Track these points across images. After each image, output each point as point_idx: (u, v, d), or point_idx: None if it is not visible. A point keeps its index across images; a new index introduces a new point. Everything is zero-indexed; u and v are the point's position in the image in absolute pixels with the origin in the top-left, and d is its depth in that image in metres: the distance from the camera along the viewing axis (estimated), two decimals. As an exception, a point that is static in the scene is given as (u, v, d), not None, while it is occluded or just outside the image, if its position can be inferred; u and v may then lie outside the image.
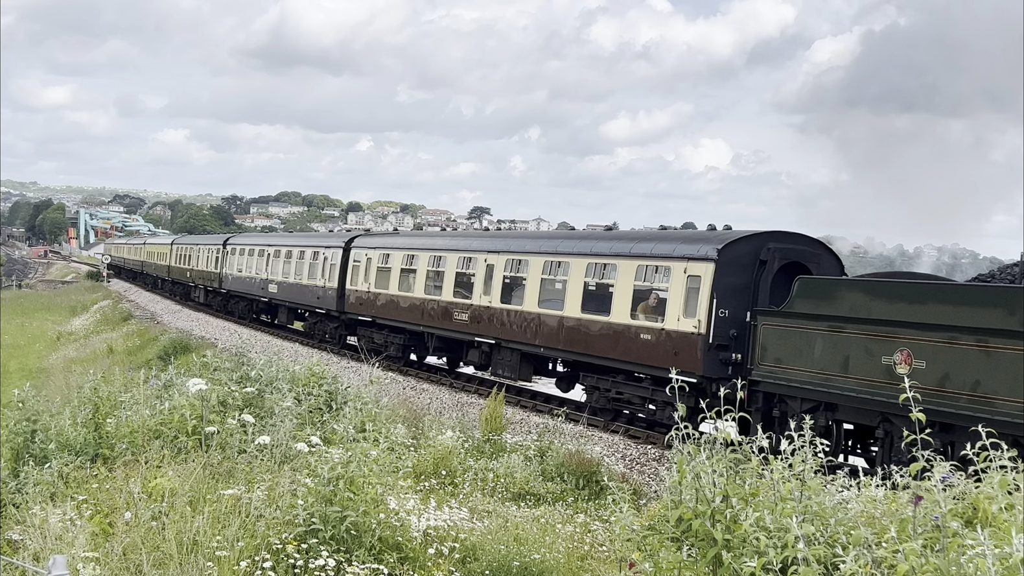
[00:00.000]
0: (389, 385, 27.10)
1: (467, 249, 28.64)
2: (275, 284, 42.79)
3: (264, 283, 44.38)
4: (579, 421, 21.70)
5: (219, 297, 53.90)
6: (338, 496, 7.52)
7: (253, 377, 12.63)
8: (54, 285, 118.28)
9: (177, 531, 7.43)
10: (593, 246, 23.43)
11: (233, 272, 50.08)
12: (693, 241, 20.84)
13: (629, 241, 22.84)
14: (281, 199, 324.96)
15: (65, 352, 50.48)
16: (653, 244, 21.65)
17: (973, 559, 4.83)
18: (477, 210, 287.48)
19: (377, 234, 42.88)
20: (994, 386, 13.68)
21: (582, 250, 23.58)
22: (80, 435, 10.37)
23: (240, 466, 9.36)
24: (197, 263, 58.18)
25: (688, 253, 19.94)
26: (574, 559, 9.54)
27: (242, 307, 49.43)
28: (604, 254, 22.67)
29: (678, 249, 20.46)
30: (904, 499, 5.93)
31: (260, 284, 45.25)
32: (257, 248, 47.31)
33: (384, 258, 32.78)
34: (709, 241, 20.12)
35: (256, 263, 46.37)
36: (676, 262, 20.09)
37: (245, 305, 49.06)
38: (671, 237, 22.47)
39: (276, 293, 42.86)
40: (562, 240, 26.08)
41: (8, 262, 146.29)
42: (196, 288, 59.39)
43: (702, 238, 21.00)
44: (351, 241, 36.38)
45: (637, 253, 21.52)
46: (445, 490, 12.10)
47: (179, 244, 67.67)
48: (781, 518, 5.53)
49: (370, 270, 33.40)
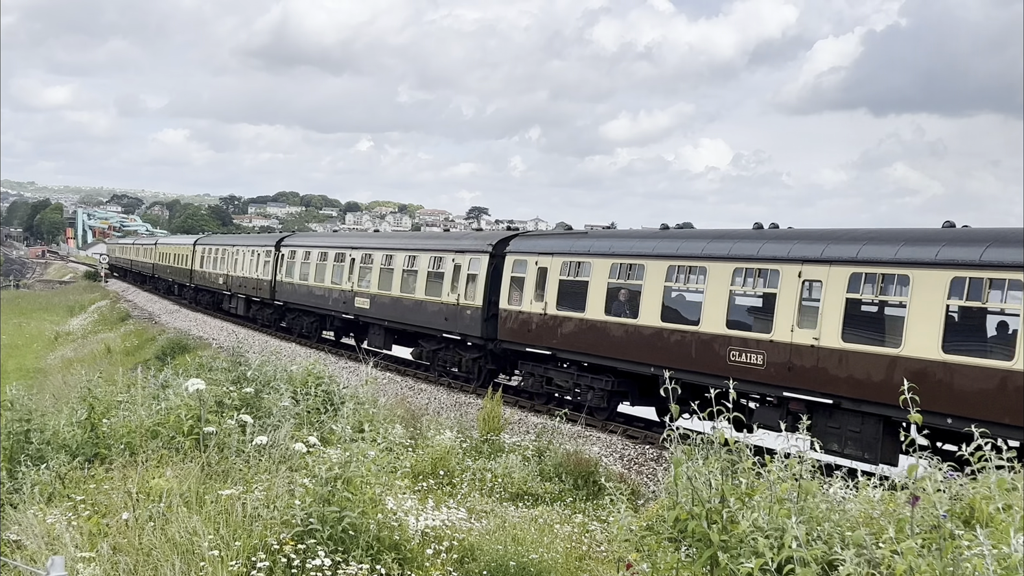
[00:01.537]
0: (387, 385, 27.09)
1: (760, 258, 18.46)
2: (366, 298, 33.50)
3: (348, 296, 35.02)
4: (577, 421, 21.68)
5: (269, 310, 45.31)
6: (336, 496, 7.51)
7: (250, 377, 12.62)
8: (52, 285, 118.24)
9: (174, 531, 7.42)
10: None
11: (295, 280, 40.97)
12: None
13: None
14: (279, 199, 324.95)
15: (63, 352, 50.45)
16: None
17: (971, 559, 4.83)
18: (475, 210, 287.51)
19: (543, 235, 30.89)
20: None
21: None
22: (76, 435, 10.35)
23: (238, 466, 9.35)
24: (237, 268, 49.84)
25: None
26: (572, 559, 9.53)
27: (307, 324, 40.76)
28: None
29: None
30: (902, 499, 5.93)
31: (341, 298, 35.87)
32: (334, 251, 37.54)
33: (570, 268, 23.47)
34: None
35: (333, 270, 37.04)
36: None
37: (312, 322, 40.35)
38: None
39: (368, 310, 33.51)
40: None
41: (6, 262, 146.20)
42: (233, 298, 51.09)
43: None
44: (503, 245, 26.78)
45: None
46: (443, 490, 12.09)
47: (207, 245, 58.74)
48: (778, 519, 5.52)
49: (546, 284, 24.07)
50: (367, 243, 36.06)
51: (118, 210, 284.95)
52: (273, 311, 44.65)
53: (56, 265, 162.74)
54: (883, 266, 15.95)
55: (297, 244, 42.64)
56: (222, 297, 54.08)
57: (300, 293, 40.34)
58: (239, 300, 49.83)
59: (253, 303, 47.62)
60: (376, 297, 32.76)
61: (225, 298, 53.10)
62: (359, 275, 34.34)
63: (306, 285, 39.57)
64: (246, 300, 48.57)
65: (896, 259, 15.85)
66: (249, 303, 48.29)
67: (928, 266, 15.27)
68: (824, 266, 16.87)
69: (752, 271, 18.38)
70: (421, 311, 29.70)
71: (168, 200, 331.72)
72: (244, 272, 48.07)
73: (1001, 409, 13.84)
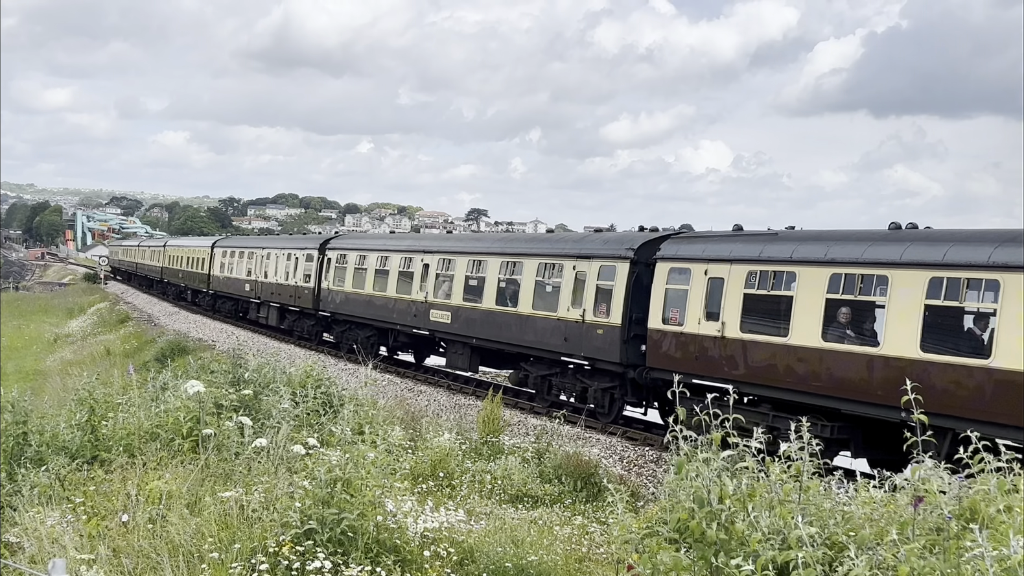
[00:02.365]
0: (386, 387, 27.08)
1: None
2: (445, 311, 28.14)
3: (420, 308, 29.58)
4: (577, 423, 21.66)
5: (311, 321, 39.40)
6: (335, 498, 7.50)
7: (247, 379, 12.60)
8: (51, 287, 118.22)
9: (173, 534, 7.42)
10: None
11: (346, 288, 35.18)
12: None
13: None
14: (278, 201, 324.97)
15: (62, 354, 50.41)
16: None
17: (972, 560, 4.83)
18: (475, 212, 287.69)
19: (709, 237, 21.55)
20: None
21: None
22: (76, 437, 10.34)
23: (238, 469, 9.34)
24: (269, 273, 43.83)
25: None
26: (572, 561, 9.52)
27: (361, 338, 33.65)
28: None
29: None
30: (903, 501, 5.92)
31: (410, 310, 30.14)
32: (400, 256, 31.83)
33: (761, 279, 18.57)
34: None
35: (399, 277, 31.34)
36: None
37: (368, 336, 33.79)
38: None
39: (448, 325, 28.11)
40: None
41: (5, 264, 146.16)
42: (263, 306, 45.02)
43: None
44: (649, 249, 21.61)
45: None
46: (443, 492, 12.08)
47: (229, 248, 53.13)
48: (779, 520, 5.52)
49: (723, 299, 19.26)
50: (446, 246, 30.14)
51: (117, 212, 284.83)
52: (316, 323, 38.92)
53: (55, 267, 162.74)
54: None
55: (348, 247, 36.68)
56: (248, 305, 48.13)
57: (354, 303, 34.43)
58: (271, 309, 43.80)
59: (289, 313, 41.65)
60: (460, 311, 27.38)
61: (252, 307, 47.20)
62: (435, 284, 28.97)
63: (362, 295, 33.69)
64: (280, 310, 42.62)
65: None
66: (284, 313, 42.35)
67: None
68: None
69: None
70: (527, 328, 24.51)
71: (167, 202, 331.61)
72: (278, 278, 42.40)
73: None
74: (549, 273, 24.33)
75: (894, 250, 16.33)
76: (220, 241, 57.79)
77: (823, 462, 6.22)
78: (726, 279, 19.15)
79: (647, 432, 21.83)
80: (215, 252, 54.26)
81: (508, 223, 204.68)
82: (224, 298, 52.85)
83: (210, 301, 55.31)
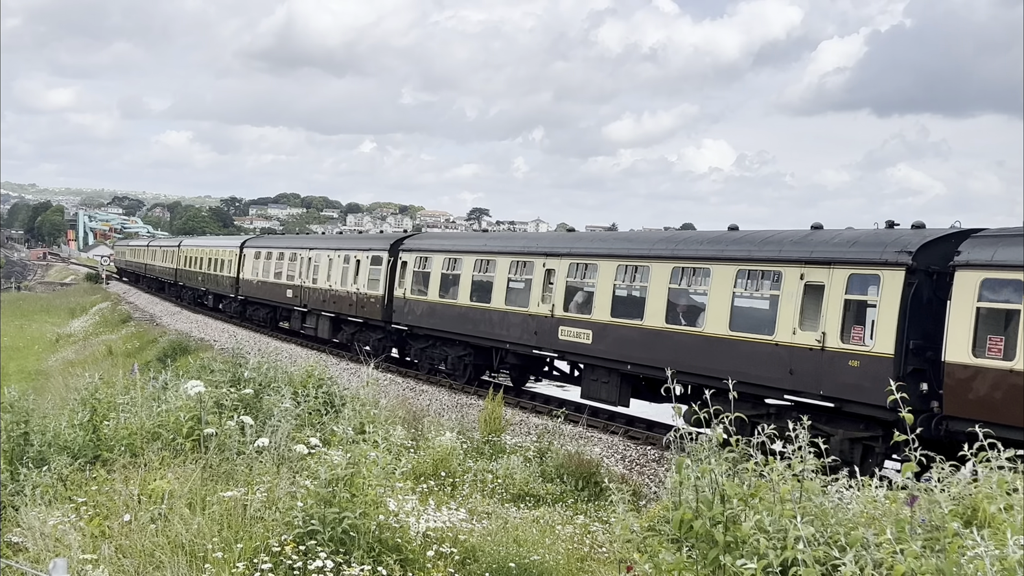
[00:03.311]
0: (388, 386, 27.07)
1: None
2: (583, 328, 23.31)
3: (545, 324, 24.62)
4: (578, 422, 21.65)
5: (378, 334, 33.69)
6: (337, 497, 7.51)
7: (247, 379, 12.61)
8: (53, 287, 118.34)
9: (176, 533, 7.43)
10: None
11: (430, 298, 29.87)
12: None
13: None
14: (280, 201, 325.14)
15: (64, 354, 50.44)
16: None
17: (972, 560, 4.83)
18: (476, 211, 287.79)
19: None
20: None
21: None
22: (78, 437, 10.35)
23: (239, 468, 9.35)
24: (320, 278, 38.00)
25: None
26: (574, 560, 9.53)
27: (452, 357, 29.32)
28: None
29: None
30: (902, 499, 5.93)
31: (529, 325, 25.29)
32: (507, 259, 26.91)
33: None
34: None
35: (508, 286, 26.43)
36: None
37: (461, 355, 28.93)
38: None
39: (587, 346, 23.25)
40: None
41: (7, 264, 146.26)
42: (312, 316, 39.17)
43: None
44: (929, 251, 16.57)
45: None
46: (445, 491, 12.08)
47: (263, 248, 47.02)
48: (781, 519, 5.52)
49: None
50: (579, 247, 24.71)
51: (119, 212, 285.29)
52: (385, 336, 33.30)
53: (57, 267, 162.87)
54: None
55: (430, 248, 31.15)
56: (290, 314, 42.24)
57: (442, 317, 28.97)
58: (322, 320, 37.93)
59: (348, 324, 35.89)
60: (606, 328, 22.42)
61: (295, 316, 41.29)
62: (566, 294, 24.09)
63: (453, 306, 28.27)
64: (333, 320, 36.90)
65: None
66: (339, 324, 36.76)
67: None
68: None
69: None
70: (718, 355, 19.16)
71: (169, 202, 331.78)
72: (332, 284, 36.68)
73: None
74: (754, 284, 19.06)
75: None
76: (251, 241, 51.92)
77: (830, 459, 6.20)
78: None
79: (649, 431, 21.81)
80: (244, 253, 48.66)
81: (510, 222, 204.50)
82: (257, 305, 47.13)
83: (239, 308, 49.94)
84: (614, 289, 22.54)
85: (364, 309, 33.92)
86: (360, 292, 34.28)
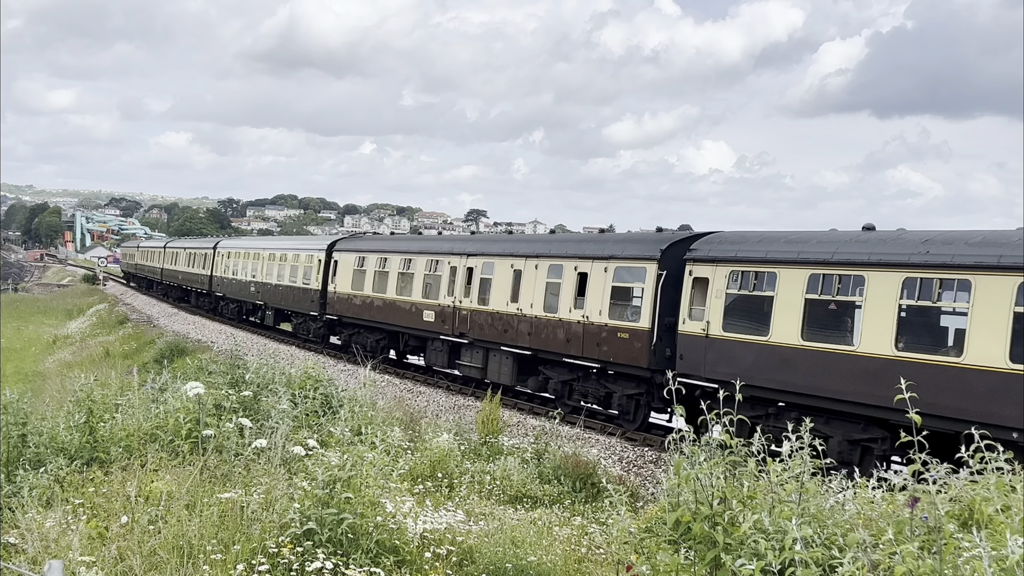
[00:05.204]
0: (385, 388, 27.07)
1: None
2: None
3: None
4: (576, 424, 21.66)
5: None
6: (334, 499, 7.51)
7: (247, 380, 12.61)
8: (50, 288, 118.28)
9: (173, 535, 7.42)
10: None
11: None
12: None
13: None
14: (278, 202, 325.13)
15: (61, 356, 50.42)
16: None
17: (970, 561, 4.83)
18: (474, 212, 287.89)
19: None
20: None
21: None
22: (75, 439, 10.34)
23: (237, 470, 9.35)
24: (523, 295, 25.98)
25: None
26: (571, 562, 9.53)
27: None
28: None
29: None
30: (901, 501, 5.93)
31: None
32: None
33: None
34: None
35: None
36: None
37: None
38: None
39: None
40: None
41: (4, 266, 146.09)
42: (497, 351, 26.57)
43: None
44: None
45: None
46: (442, 493, 12.08)
47: (383, 254, 33.98)
48: (779, 520, 5.52)
49: None
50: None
51: (116, 213, 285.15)
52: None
53: (54, 268, 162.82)
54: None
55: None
56: (428, 342, 30.68)
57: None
58: (477, 353, 27.74)
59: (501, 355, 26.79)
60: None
61: (438, 344, 29.86)
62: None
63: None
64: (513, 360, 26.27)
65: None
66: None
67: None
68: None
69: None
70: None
71: (166, 203, 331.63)
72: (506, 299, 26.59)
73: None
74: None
75: None
76: (342, 243, 39.31)
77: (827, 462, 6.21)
78: None
79: (646, 433, 21.83)
80: (334, 257, 37.60)
81: (508, 224, 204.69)
82: (364, 328, 34.95)
83: (322, 329, 38.87)
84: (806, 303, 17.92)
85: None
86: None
